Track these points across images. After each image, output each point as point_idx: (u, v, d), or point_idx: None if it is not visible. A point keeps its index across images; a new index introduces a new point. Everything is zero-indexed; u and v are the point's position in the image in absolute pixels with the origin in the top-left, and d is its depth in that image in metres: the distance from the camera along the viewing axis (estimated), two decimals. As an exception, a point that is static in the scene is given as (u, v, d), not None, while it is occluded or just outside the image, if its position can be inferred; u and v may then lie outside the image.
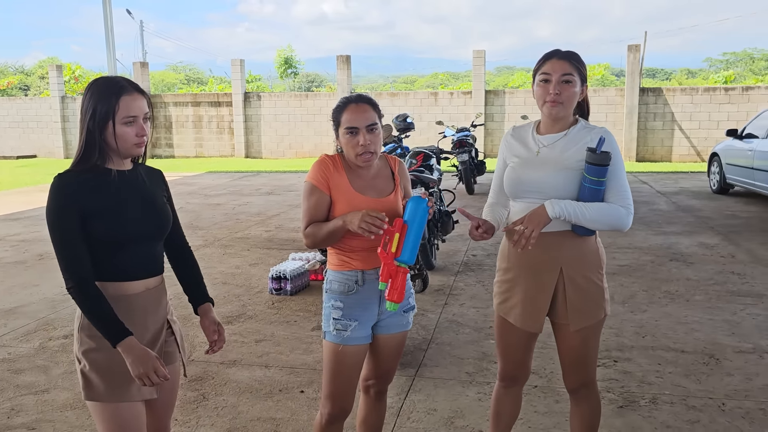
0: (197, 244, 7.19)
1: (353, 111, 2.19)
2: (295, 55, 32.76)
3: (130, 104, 1.85)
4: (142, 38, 40.97)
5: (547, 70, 2.19)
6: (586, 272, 2.23)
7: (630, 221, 2.20)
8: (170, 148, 20.31)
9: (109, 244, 1.87)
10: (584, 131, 2.22)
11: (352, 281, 2.24)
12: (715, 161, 10.63)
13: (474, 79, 17.81)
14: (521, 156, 2.28)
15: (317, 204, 2.21)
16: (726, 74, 25.63)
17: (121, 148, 1.88)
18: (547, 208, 2.12)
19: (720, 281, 5.41)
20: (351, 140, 2.17)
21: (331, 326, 2.25)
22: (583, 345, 2.29)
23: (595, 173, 2.11)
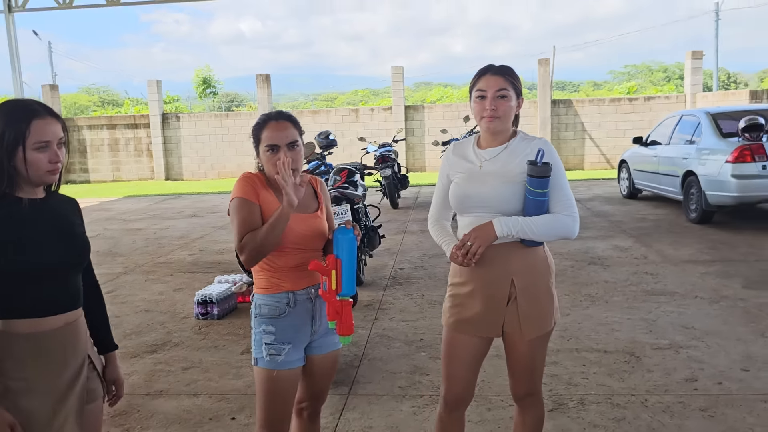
0: (117, 271, 6.91)
1: (273, 128, 2.17)
2: (213, 74, 32.27)
3: (42, 129, 1.74)
4: (51, 60, 39.23)
5: (482, 86, 2.22)
6: (537, 281, 2.26)
7: (576, 229, 2.25)
8: (85, 173, 19.47)
9: (23, 278, 1.74)
10: (524, 143, 2.27)
11: (282, 303, 2.20)
12: (624, 168, 11.18)
13: (393, 95, 18.06)
14: (464, 171, 2.30)
15: (250, 215, 2.14)
16: (629, 85, 27.14)
17: (33, 176, 1.76)
18: (495, 227, 2.14)
19: (635, 282, 5.67)
20: (272, 158, 2.15)
21: (264, 352, 2.19)
22: (532, 354, 2.31)
23: (537, 185, 2.14)
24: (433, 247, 7.39)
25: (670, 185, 9.12)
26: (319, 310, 2.26)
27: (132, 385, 3.81)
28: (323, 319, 2.26)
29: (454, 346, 2.34)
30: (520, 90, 2.28)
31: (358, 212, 6.03)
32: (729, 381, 3.57)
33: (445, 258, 6.89)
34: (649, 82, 42.50)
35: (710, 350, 4.02)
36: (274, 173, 2.15)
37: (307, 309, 2.22)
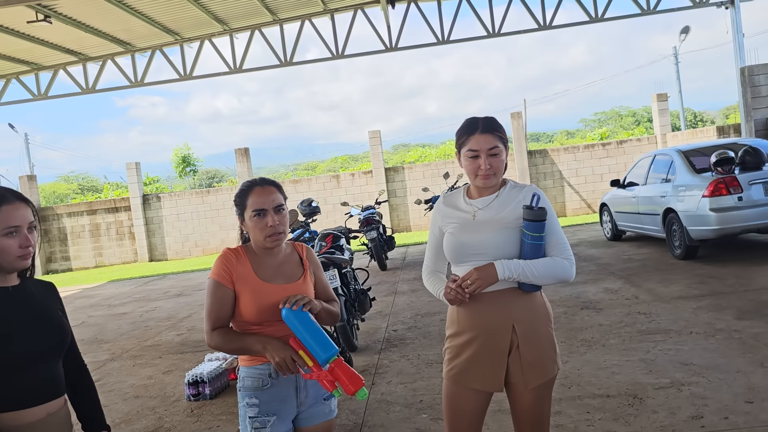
0: (104, 358, 6.74)
1: (259, 193, 2.18)
2: (192, 152, 32.46)
3: (11, 214, 1.73)
4: (28, 151, 39.38)
5: (473, 146, 2.25)
6: (537, 327, 2.25)
7: (573, 271, 2.27)
8: (67, 261, 19.26)
9: (2, 368, 1.68)
10: (515, 191, 2.31)
11: (265, 374, 2.15)
12: (605, 211, 11.30)
13: (373, 159, 18.29)
14: (458, 221, 2.31)
15: (221, 300, 2.15)
16: (601, 131, 27.74)
17: (4, 262, 1.73)
18: (497, 269, 2.15)
19: (629, 323, 5.64)
20: (259, 222, 2.15)
21: (249, 426, 2.12)
22: (539, 403, 2.27)
23: (534, 229, 2.18)
24: (426, 306, 7.33)
25: (652, 224, 9.21)
26: (303, 382, 2.20)
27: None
28: (309, 389, 2.21)
29: (456, 399, 2.30)
30: (507, 140, 2.33)
31: (346, 276, 5.99)
32: (735, 415, 3.51)
33: (439, 315, 6.84)
34: (619, 127, 43.50)
35: (712, 385, 3.97)
36: (261, 239, 2.16)
37: (290, 380, 2.17)
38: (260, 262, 2.20)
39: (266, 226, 2.15)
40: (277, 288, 2.16)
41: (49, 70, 16.33)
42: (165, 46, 15.94)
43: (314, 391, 2.22)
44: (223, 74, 15.97)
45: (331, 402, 2.28)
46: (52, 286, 1.97)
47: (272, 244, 2.18)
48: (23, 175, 19.76)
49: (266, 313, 2.14)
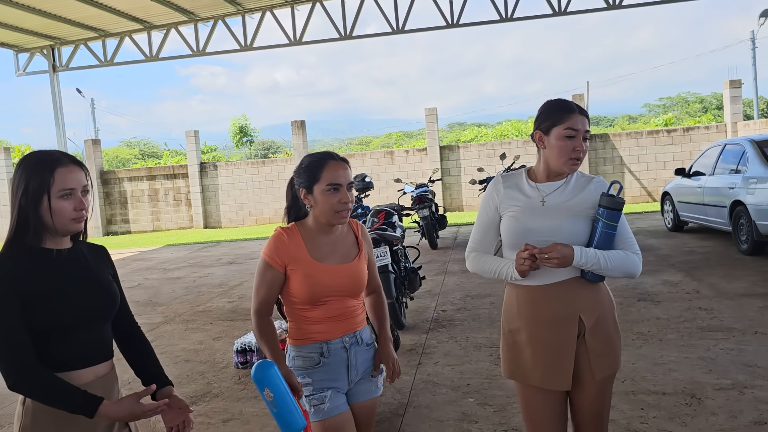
0: (157, 321, 6.91)
1: (335, 168, 2.12)
2: (249, 123, 32.97)
3: (66, 176, 1.72)
4: (94, 116, 40.75)
5: (573, 125, 2.12)
6: (605, 318, 2.17)
7: (641, 268, 2.19)
8: (126, 224, 19.89)
9: (53, 331, 1.69)
10: (583, 180, 2.22)
11: (316, 354, 2.13)
12: (667, 200, 10.89)
13: (428, 136, 18.11)
14: (522, 204, 2.19)
15: (269, 283, 2.14)
16: (666, 117, 26.72)
17: (58, 225, 1.73)
18: (575, 252, 2.04)
19: (689, 318, 5.41)
20: (332, 197, 2.10)
21: (307, 405, 2.12)
22: (602, 396, 2.19)
23: (611, 218, 2.10)
24: (476, 288, 7.23)
25: (718, 216, 8.81)
26: (355, 358, 2.19)
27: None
28: (359, 367, 2.20)
29: (529, 400, 2.18)
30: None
31: (397, 254, 5.94)
32: (803, 424, 3.31)
33: (490, 298, 6.73)
34: (685, 114, 41.84)
35: (779, 390, 3.76)
36: (330, 214, 2.12)
37: (342, 358, 2.16)
38: (314, 241, 2.16)
39: (338, 201, 2.11)
40: (331, 268, 2.13)
41: (116, 37, 16.71)
42: (227, 17, 16.07)
43: (364, 368, 2.22)
44: (283, 46, 16.02)
45: (377, 379, 2.27)
46: (104, 250, 1.96)
47: (340, 220, 2.15)
48: (88, 139, 20.42)
49: (317, 294, 2.11)
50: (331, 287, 2.12)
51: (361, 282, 2.21)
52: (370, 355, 2.25)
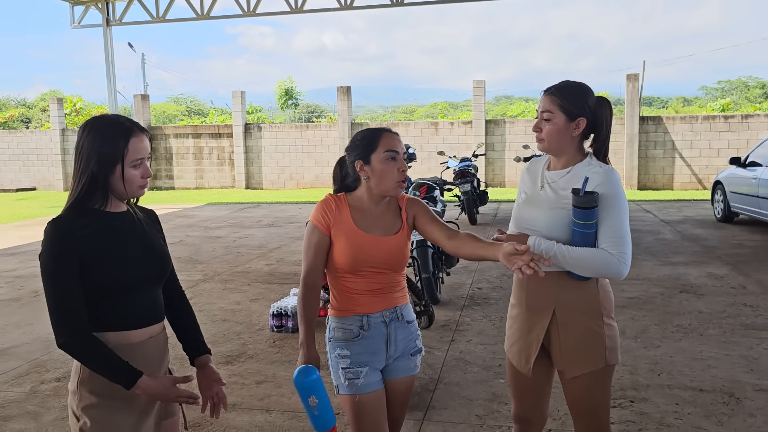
0: (197, 278, 7.06)
1: (392, 137, 2.15)
2: (295, 86, 32.97)
3: (137, 146, 1.77)
4: (144, 70, 41.31)
5: (537, 106, 2.17)
6: (580, 318, 2.10)
7: (623, 270, 2.00)
8: (170, 180, 20.27)
9: (111, 292, 1.76)
10: (586, 169, 2.09)
11: (356, 327, 2.15)
12: (719, 189, 10.54)
13: (474, 109, 17.85)
14: (529, 191, 2.22)
15: (317, 246, 2.15)
16: (723, 102, 25.73)
17: (128, 191, 1.79)
18: (528, 242, 2.05)
19: (733, 314, 5.26)
20: (392, 165, 2.12)
21: (342, 377, 2.14)
22: (586, 393, 2.15)
23: (580, 216, 1.99)
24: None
25: (771, 210, 8.50)
26: (394, 334, 2.19)
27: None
28: (398, 343, 2.21)
29: (511, 371, 2.30)
30: (577, 111, 2.08)
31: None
32: None
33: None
34: (744, 99, 40.23)
35: (823, 396, 3.64)
36: (392, 183, 2.12)
37: (381, 333, 2.16)
38: (361, 211, 2.17)
39: (397, 170, 2.12)
40: (375, 239, 2.14)
41: (169, -7, 16.78)
42: (279, -23, 15.95)
43: (403, 345, 2.22)
44: (333, 10, 15.88)
45: (417, 358, 2.28)
46: (154, 215, 2.01)
47: (398, 190, 2.16)
48: (137, 94, 20.74)
49: (359, 262, 2.12)
50: (373, 257, 2.13)
51: (404, 256, 2.21)
52: (410, 332, 2.25)
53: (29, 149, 21.27)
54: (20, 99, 50.97)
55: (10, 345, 4.89)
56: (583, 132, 2.11)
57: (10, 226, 12.26)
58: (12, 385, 4.09)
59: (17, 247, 9.54)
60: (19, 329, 5.31)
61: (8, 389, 4.02)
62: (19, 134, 22.00)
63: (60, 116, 20.78)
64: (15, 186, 21.13)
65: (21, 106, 46.12)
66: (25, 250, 9.21)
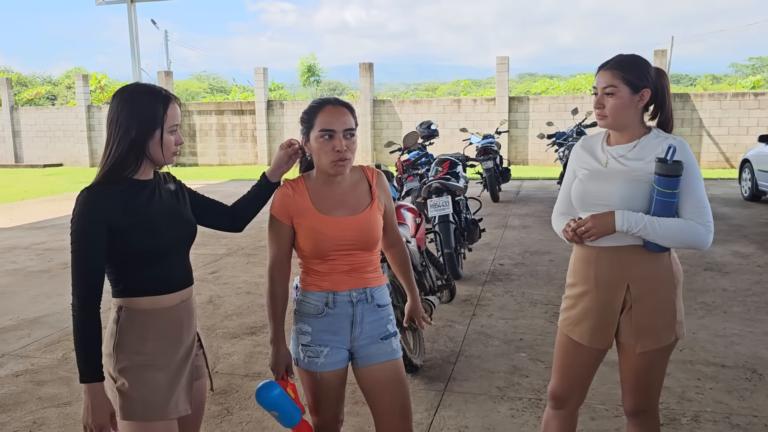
0: (221, 252, 7.16)
1: (330, 112, 2.00)
2: (317, 63, 32.89)
3: (174, 112, 1.84)
4: (167, 48, 41.50)
5: (595, 83, 2.13)
6: (656, 291, 2.08)
7: (710, 240, 2.03)
8: (194, 156, 20.45)
9: (146, 257, 1.82)
10: (656, 141, 2.08)
11: (321, 303, 2.06)
12: (747, 168, 10.37)
13: (497, 86, 17.68)
14: (590, 167, 2.17)
15: (278, 237, 2.10)
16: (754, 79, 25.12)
17: (165, 156, 1.85)
18: (616, 218, 2.00)
19: (758, 292, 5.21)
20: (325, 145, 1.98)
21: (301, 353, 2.09)
22: (649, 369, 2.14)
23: (665, 185, 1.97)
24: (536, 244, 7.14)
25: (801, 188, 8.34)
26: (360, 316, 2.09)
27: (232, 365, 3.90)
28: (364, 326, 2.09)
29: (567, 351, 2.23)
30: (641, 82, 2.06)
31: (458, 204, 5.91)
32: None
33: (548, 256, 6.67)
34: (776, 76, 39.22)
35: None
36: (326, 163, 2.01)
37: (347, 312, 2.06)
38: (320, 193, 2.07)
39: (332, 150, 1.98)
40: (338, 220, 2.04)
41: (192, -31, 16.74)
42: (302, -48, 15.83)
43: (370, 330, 2.10)
44: (356, -15, 15.73)
45: (391, 341, 2.13)
46: (177, 180, 2.04)
47: (335, 170, 2.01)
48: (161, 71, 20.88)
49: (324, 248, 2.03)
50: (338, 241, 2.03)
51: (374, 234, 2.08)
52: (380, 316, 2.13)
53: (56, 126, 21.58)
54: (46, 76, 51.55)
55: (42, 314, 5.03)
56: (646, 104, 2.10)
57: (39, 200, 12.50)
58: (45, 351, 4.22)
59: (47, 221, 9.74)
60: (50, 299, 5.45)
61: (41, 356, 4.15)
62: (45, 111, 22.32)
63: (86, 93, 21.02)
64: (42, 162, 21.48)
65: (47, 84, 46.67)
66: (54, 224, 9.40)
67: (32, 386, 3.67)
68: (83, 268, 1.74)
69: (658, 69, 2.12)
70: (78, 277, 1.75)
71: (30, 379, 3.76)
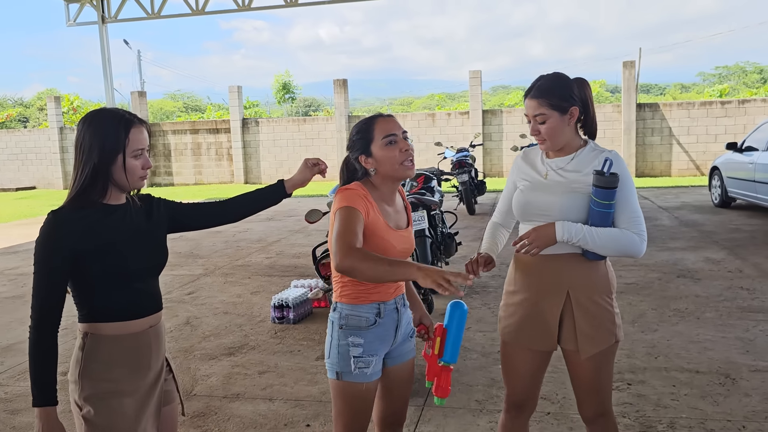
0: (198, 273, 7.11)
1: (386, 121, 2.14)
2: (292, 80, 32.95)
3: (138, 137, 1.81)
4: (140, 67, 41.21)
5: (525, 111, 2.21)
6: (594, 296, 2.17)
7: (643, 248, 2.14)
8: (169, 176, 20.30)
9: (113, 282, 1.80)
10: (592, 154, 2.19)
11: (372, 314, 2.12)
12: (716, 175, 10.59)
13: (471, 100, 17.86)
14: (531, 179, 2.26)
15: (355, 224, 1.97)
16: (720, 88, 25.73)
17: (130, 182, 1.83)
18: (556, 229, 2.09)
19: (729, 297, 5.32)
20: (393, 149, 2.09)
21: (352, 365, 2.10)
22: (596, 373, 2.22)
23: (603, 196, 2.07)
24: (511, 255, 7.18)
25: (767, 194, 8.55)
26: (402, 319, 2.22)
27: (210, 387, 3.87)
28: (403, 328, 2.22)
29: (510, 356, 2.33)
30: (567, 103, 2.14)
31: (434, 218, 5.95)
32: (840, 411, 3.26)
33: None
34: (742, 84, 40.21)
35: (817, 375, 3.70)
36: (395, 166, 2.10)
37: (393, 319, 2.18)
38: (382, 204, 2.15)
39: (400, 151, 2.09)
40: (397, 233, 2.14)
41: (164, -11, 16.73)
42: (274, -29, 15.92)
43: (405, 331, 2.23)
44: (329, 3, 15.85)
45: (413, 339, 2.30)
46: (151, 197, 2.03)
47: (405, 171, 2.11)
48: (134, 91, 20.75)
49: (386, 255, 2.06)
50: (399, 251, 2.14)
51: (413, 246, 2.26)
52: (409, 315, 2.28)
53: (27, 148, 21.29)
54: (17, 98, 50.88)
55: (15, 341, 4.95)
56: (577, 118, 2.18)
57: (11, 224, 12.30)
58: (18, 380, 4.14)
59: (19, 246, 9.59)
60: (23, 326, 5.36)
61: (15, 384, 4.08)
62: (17, 133, 22.02)
63: (58, 115, 20.80)
64: (14, 185, 21.16)
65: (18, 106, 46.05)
66: (27, 249, 9.26)
67: (6, 415, 3.60)
68: (42, 290, 1.73)
69: (579, 81, 2.20)
70: (36, 299, 1.74)
71: (3, 408, 3.70)
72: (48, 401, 1.73)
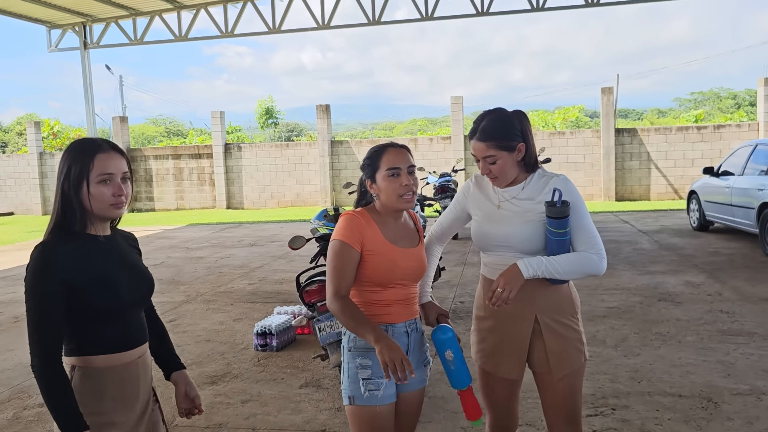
0: (179, 299, 7.03)
1: (394, 153, 2.19)
2: (275, 105, 33.02)
3: (105, 162, 1.77)
4: (122, 92, 41.11)
5: (473, 151, 2.27)
6: (561, 318, 2.25)
7: (604, 265, 2.20)
8: (151, 202, 20.16)
9: (102, 315, 1.78)
10: (542, 180, 2.25)
11: None
12: (694, 199, 10.75)
13: (453, 125, 18.04)
14: (484, 210, 2.32)
15: (348, 263, 2.12)
16: (696, 113, 26.23)
17: (96, 209, 1.78)
18: (521, 269, 2.13)
19: (710, 320, 5.37)
20: (394, 182, 2.16)
21: (362, 388, 2.12)
22: (570, 393, 2.27)
23: (557, 225, 2.13)
24: (477, 276, 7.21)
25: (745, 217, 8.69)
26: (413, 345, 2.24)
27: (193, 417, 3.81)
28: (414, 354, 2.24)
29: (487, 384, 2.38)
30: (514, 142, 2.21)
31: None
32: (821, 434, 3.29)
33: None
34: (717, 110, 41.04)
35: (797, 398, 3.73)
36: (394, 198, 2.17)
37: (403, 343, 2.19)
38: (385, 225, 2.21)
39: (401, 185, 2.15)
40: (403, 251, 2.19)
41: (146, 16, 16.82)
42: (257, -2, 16.05)
43: (417, 356, 2.25)
44: (311, 30, 16.00)
45: (427, 368, 2.32)
46: (134, 238, 2.04)
47: (405, 204, 2.18)
48: (116, 117, 20.66)
49: (393, 276, 2.16)
50: (405, 270, 2.18)
51: (425, 267, 2.30)
52: (423, 343, 2.30)
53: (6, 174, 21.05)
54: (-4, 123, 50.36)
55: (-9, 372, 4.84)
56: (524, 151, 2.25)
57: (-12, 251, 12.10)
58: None
59: (-4, 273, 9.42)
60: (1, 355, 5.26)
61: None
62: (-5, 159, 21.76)
63: (37, 140, 20.63)
64: (-8, 211, 20.86)
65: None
66: (5, 276, 9.11)
67: (-19, 449, 3.51)
68: (40, 325, 1.68)
69: (519, 114, 2.26)
70: (35, 336, 1.68)
71: (-22, 442, 3.60)
72: (81, 426, 1.68)
